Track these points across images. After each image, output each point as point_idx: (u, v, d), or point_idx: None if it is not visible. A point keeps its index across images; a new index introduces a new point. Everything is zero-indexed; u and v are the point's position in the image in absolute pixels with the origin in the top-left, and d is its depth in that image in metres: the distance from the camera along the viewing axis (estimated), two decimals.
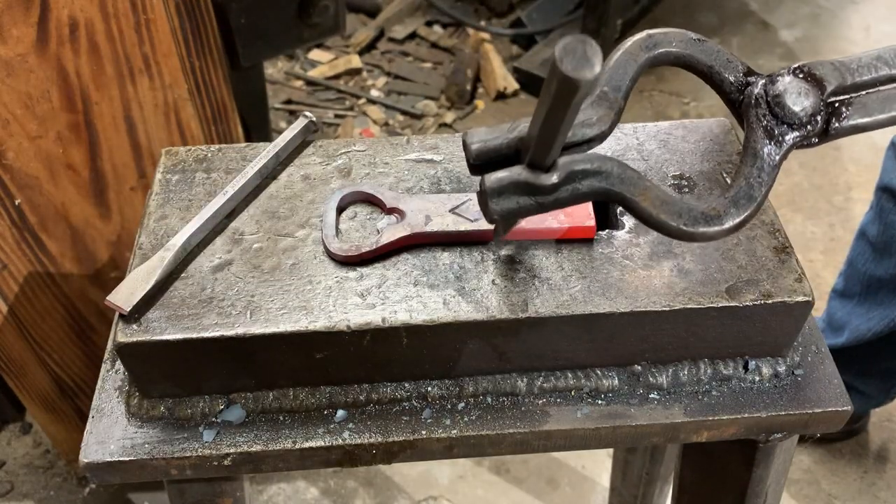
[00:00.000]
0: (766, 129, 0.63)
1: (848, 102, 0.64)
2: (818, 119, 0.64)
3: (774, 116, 0.63)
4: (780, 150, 0.63)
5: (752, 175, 0.63)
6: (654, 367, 0.76)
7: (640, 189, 0.61)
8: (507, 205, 0.60)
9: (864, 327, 1.58)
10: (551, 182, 0.59)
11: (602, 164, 0.61)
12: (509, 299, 0.71)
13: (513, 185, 0.60)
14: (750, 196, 0.62)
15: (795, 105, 0.63)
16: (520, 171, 0.60)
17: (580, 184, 0.60)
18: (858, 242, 1.58)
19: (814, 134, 0.64)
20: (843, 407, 0.76)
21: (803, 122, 0.63)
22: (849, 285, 1.62)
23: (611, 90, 0.64)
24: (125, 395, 0.76)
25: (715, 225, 0.61)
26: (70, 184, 1.29)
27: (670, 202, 0.61)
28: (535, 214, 0.63)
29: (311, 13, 1.60)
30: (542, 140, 0.56)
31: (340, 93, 2.79)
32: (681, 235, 0.62)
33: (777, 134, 0.63)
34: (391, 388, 0.75)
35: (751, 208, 0.62)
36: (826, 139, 0.65)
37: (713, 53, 0.66)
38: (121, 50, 1.23)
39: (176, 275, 0.74)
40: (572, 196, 0.61)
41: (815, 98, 0.63)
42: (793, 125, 0.63)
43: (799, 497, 1.78)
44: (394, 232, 0.75)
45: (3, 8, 1.08)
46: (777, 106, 0.63)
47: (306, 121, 0.86)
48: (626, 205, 0.62)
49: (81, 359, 1.49)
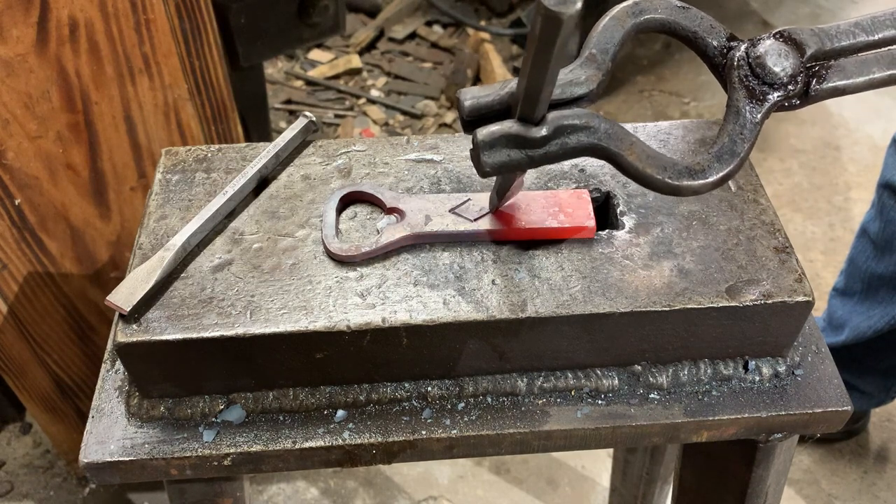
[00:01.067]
0: (747, 89, 0.65)
1: (827, 66, 0.66)
2: (798, 80, 0.65)
3: (756, 77, 0.65)
4: (762, 108, 0.65)
5: (734, 132, 0.64)
6: (654, 367, 0.76)
7: (626, 144, 0.63)
8: (499, 157, 0.62)
9: (864, 325, 1.58)
10: (541, 135, 0.61)
11: (590, 120, 0.62)
12: (509, 299, 0.71)
13: (504, 137, 0.61)
14: (733, 151, 0.64)
15: (776, 66, 0.65)
16: (511, 124, 0.61)
17: (569, 138, 0.62)
18: (859, 240, 1.58)
19: (794, 95, 0.66)
20: (843, 407, 0.76)
21: (784, 82, 0.65)
22: (849, 283, 1.62)
23: (599, 52, 0.66)
24: (125, 395, 0.76)
25: (699, 178, 0.63)
26: (70, 184, 1.29)
27: (656, 157, 0.63)
28: (526, 169, 0.64)
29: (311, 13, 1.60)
30: (530, 89, 0.58)
31: (340, 93, 2.79)
32: (666, 188, 0.63)
33: (758, 93, 0.65)
34: (391, 388, 0.75)
35: (734, 163, 0.64)
36: (807, 101, 0.67)
37: (697, 20, 0.67)
38: (121, 50, 1.23)
39: (176, 275, 0.74)
40: (562, 150, 0.62)
41: (795, 60, 0.65)
42: (773, 85, 0.65)
43: (799, 497, 1.78)
44: (393, 232, 0.75)
45: (3, 8, 1.08)
46: (758, 66, 0.65)
47: (306, 121, 0.86)
48: (614, 159, 0.63)
49: (81, 359, 1.49)
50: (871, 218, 1.54)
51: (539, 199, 0.78)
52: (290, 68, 2.88)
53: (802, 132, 2.68)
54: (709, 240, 0.76)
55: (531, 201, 0.77)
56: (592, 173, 0.83)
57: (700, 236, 0.77)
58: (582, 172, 0.83)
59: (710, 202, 0.80)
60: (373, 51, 2.97)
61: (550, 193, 0.78)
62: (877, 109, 2.75)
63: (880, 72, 0.66)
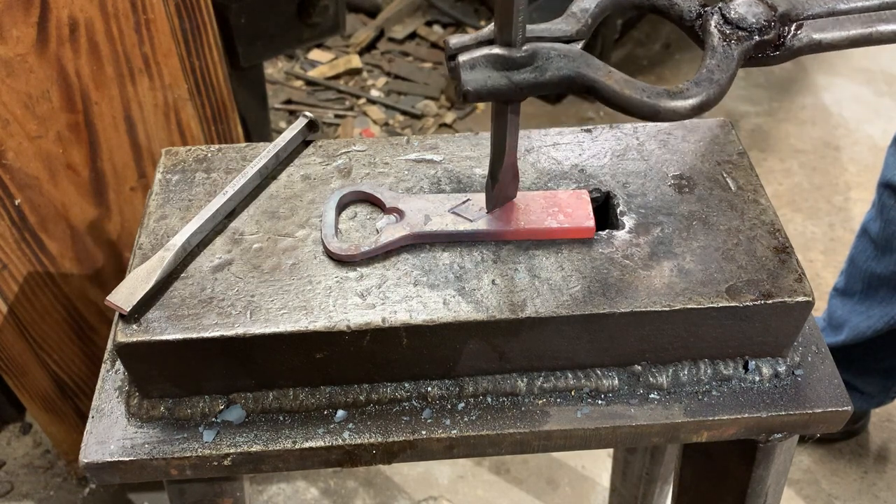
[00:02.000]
0: (722, 33, 0.68)
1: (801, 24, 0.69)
2: (772, 29, 0.68)
3: (729, 23, 0.68)
4: (737, 47, 0.67)
5: (711, 65, 0.66)
6: (654, 367, 0.76)
7: (605, 71, 0.64)
8: (479, 77, 0.63)
9: (864, 325, 1.58)
10: (520, 55, 0.62)
11: (569, 51, 0.64)
12: (509, 299, 0.71)
13: (484, 58, 0.63)
14: (710, 79, 0.65)
15: (748, 14, 0.68)
16: (492, 47, 0.63)
17: (549, 64, 0.63)
18: (860, 240, 1.58)
19: (770, 44, 0.68)
20: (843, 407, 0.76)
21: (756, 27, 0.68)
22: (850, 283, 1.62)
23: (578, 11, 0.69)
24: (125, 395, 0.76)
25: (678, 99, 0.64)
26: (70, 184, 1.29)
27: (634, 82, 0.64)
28: (507, 95, 0.64)
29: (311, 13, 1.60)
30: (501, 8, 0.59)
31: (340, 93, 2.79)
32: (646, 108, 0.63)
33: (732, 35, 0.68)
34: (391, 388, 0.75)
35: (712, 88, 0.65)
36: (784, 52, 0.69)
37: None
38: (121, 50, 1.23)
39: (176, 275, 0.74)
40: (542, 76, 0.63)
41: (767, 11, 0.69)
42: (747, 29, 0.68)
43: (799, 497, 1.78)
44: (393, 232, 0.75)
45: (3, 8, 1.08)
46: (730, 14, 0.68)
47: (306, 121, 0.86)
48: (593, 86, 0.64)
49: (81, 359, 1.49)
50: (871, 218, 1.54)
51: (538, 199, 0.78)
52: (290, 68, 2.88)
53: (802, 132, 2.68)
54: (709, 240, 0.76)
55: (530, 201, 0.77)
56: (592, 173, 0.83)
57: (700, 236, 0.77)
58: (582, 172, 0.83)
59: (710, 202, 0.80)
60: (373, 51, 2.97)
61: (550, 194, 0.78)
62: (877, 109, 2.75)
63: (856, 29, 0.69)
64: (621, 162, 0.84)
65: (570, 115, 2.74)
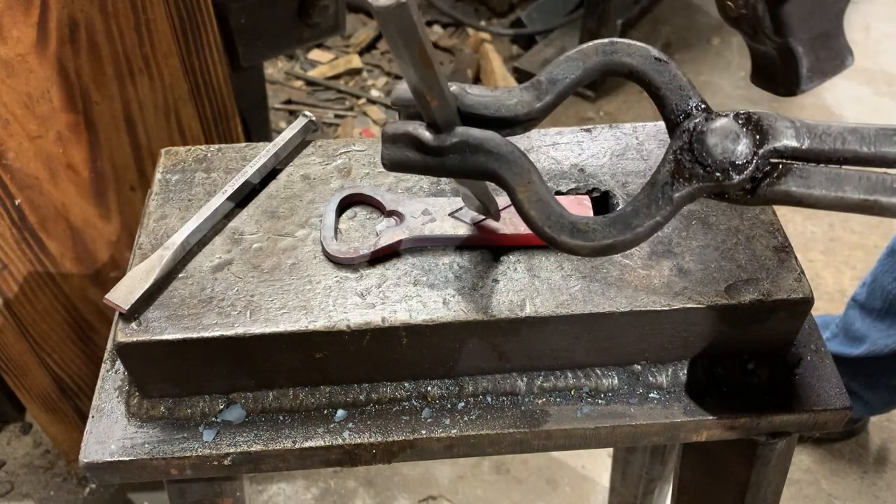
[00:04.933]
0: (676, 162, 0.58)
1: (790, 166, 0.57)
2: (744, 171, 0.56)
3: (690, 152, 0.58)
4: (682, 188, 0.58)
5: (640, 202, 0.59)
6: (654, 366, 0.76)
7: (524, 181, 0.60)
8: (397, 154, 0.62)
9: (882, 342, 1.58)
10: (440, 144, 0.60)
11: (497, 147, 0.60)
12: (509, 299, 0.71)
13: (405, 136, 0.61)
14: (629, 224, 0.58)
15: (717, 147, 0.57)
16: (417, 126, 0.61)
17: (471, 157, 0.60)
18: (888, 259, 1.56)
19: (734, 187, 0.57)
20: (843, 407, 0.76)
21: (721, 167, 0.57)
22: (870, 299, 1.61)
23: (546, 81, 0.63)
24: (125, 395, 0.76)
25: (578, 238, 0.59)
26: (70, 184, 1.29)
27: (547, 203, 0.59)
28: (423, 173, 0.63)
29: (311, 13, 1.60)
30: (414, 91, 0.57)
31: (340, 93, 2.79)
32: (543, 236, 0.60)
33: (685, 171, 0.58)
34: (391, 387, 0.75)
35: (626, 235, 0.58)
36: (752, 201, 0.58)
37: (668, 76, 0.61)
38: (121, 50, 1.23)
39: (175, 274, 0.74)
40: (459, 166, 0.61)
41: (747, 148, 0.57)
42: (707, 167, 0.57)
43: (799, 497, 1.78)
44: (392, 235, 0.75)
45: (3, 8, 1.08)
46: (697, 142, 0.57)
47: (306, 120, 0.86)
48: (508, 192, 0.61)
49: (81, 359, 1.49)
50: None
51: None
52: (290, 68, 2.88)
53: None
54: (708, 239, 0.76)
55: None
56: (592, 173, 0.83)
57: (699, 236, 0.77)
58: (581, 172, 0.83)
59: (710, 202, 0.80)
60: (373, 51, 2.97)
61: None
62: (877, 110, 2.75)
63: (855, 193, 0.56)
64: (620, 161, 0.84)
65: (570, 115, 2.74)
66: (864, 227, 2.33)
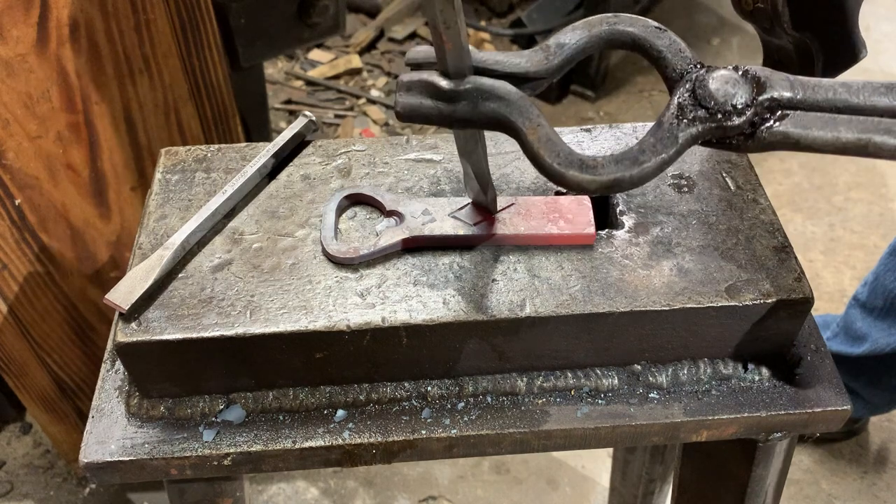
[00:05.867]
0: (679, 106, 0.61)
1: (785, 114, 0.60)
2: (743, 115, 0.60)
3: (693, 96, 0.61)
4: (687, 128, 0.60)
5: (646, 142, 0.61)
6: (654, 366, 0.76)
7: (534, 125, 0.61)
8: (411, 101, 0.62)
9: (883, 342, 1.57)
10: (455, 89, 0.61)
11: (508, 94, 0.62)
12: (509, 299, 0.71)
13: (420, 83, 0.62)
14: (636, 159, 0.60)
15: (718, 91, 0.60)
16: (432, 73, 0.62)
17: (483, 103, 0.62)
18: (890, 258, 1.56)
19: (734, 129, 0.60)
20: (843, 406, 0.76)
21: (722, 108, 0.60)
22: (871, 298, 1.61)
23: (554, 45, 0.66)
24: (125, 395, 0.76)
25: (588, 173, 0.60)
26: (70, 184, 1.29)
27: (555, 143, 0.61)
28: (436, 122, 0.63)
29: (311, 13, 1.60)
30: (435, 36, 0.58)
31: (340, 93, 2.79)
32: (552, 173, 0.61)
33: (688, 113, 0.61)
34: (391, 387, 0.75)
35: (633, 170, 0.60)
36: (753, 144, 0.61)
37: (668, 41, 0.65)
38: (121, 50, 1.23)
39: (175, 274, 0.74)
40: (471, 113, 0.62)
41: (746, 92, 0.60)
42: (708, 109, 0.60)
43: (799, 497, 1.78)
44: (392, 235, 0.75)
45: (3, 8, 1.08)
46: (699, 87, 0.61)
47: (306, 120, 0.86)
48: (517, 136, 0.62)
49: (81, 359, 1.49)
50: None
51: (539, 204, 0.78)
52: (290, 68, 2.88)
53: None
54: (708, 239, 0.76)
55: (531, 206, 0.77)
56: None
57: (699, 236, 0.77)
58: None
59: (710, 202, 0.80)
60: (373, 51, 2.97)
61: (551, 199, 0.78)
62: None
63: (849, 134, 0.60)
64: None
65: (570, 115, 2.74)
66: (864, 226, 2.33)
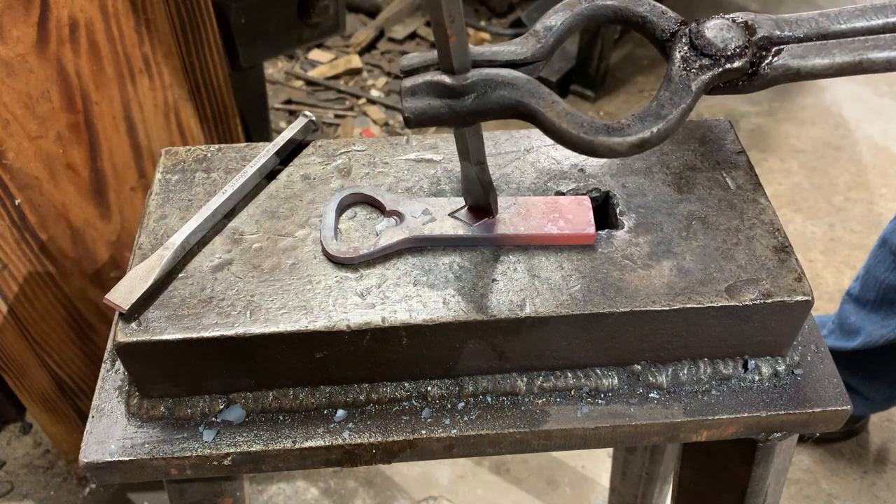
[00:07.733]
0: (683, 59, 0.63)
1: (780, 49, 0.64)
2: (744, 56, 0.63)
3: (694, 48, 0.64)
4: (697, 77, 0.63)
5: (663, 97, 0.62)
6: (654, 366, 0.76)
7: (548, 102, 0.62)
8: (418, 104, 0.62)
9: (877, 334, 1.58)
10: (461, 83, 0.61)
11: (515, 79, 0.62)
12: (509, 299, 0.71)
13: (425, 84, 0.61)
14: (658, 114, 0.61)
15: (716, 38, 0.63)
16: (434, 73, 0.62)
17: (492, 93, 0.61)
18: (879, 250, 1.57)
19: (740, 72, 0.63)
20: (843, 406, 0.76)
21: (724, 54, 0.63)
22: (864, 291, 1.61)
23: (542, 29, 0.67)
24: (125, 395, 0.76)
25: (616, 135, 0.60)
26: (70, 184, 1.29)
27: (574, 115, 0.62)
28: (448, 122, 0.63)
29: (311, 13, 1.60)
30: (437, 34, 0.58)
31: (340, 93, 2.79)
32: (581, 143, 0.61)
33: (695, 63, 0.63)
34: (391, 387, 0.75)
35: (658, 125, 0.61)
36: (758, 82, 0.64)
37: (649, 7, 0.67)
38: (121, 50, 1.23)
39: (175, 274, 0.74)
40: (483, 105, 0.62)
41: (740, 36, 0.63)
42: (712, 56, 0.63)
43: (799, 497, 1.78)
44: (392, 235, 0.75)
45: (3, 8, 1.08)
46: (698, 38, 0.63)
47: (306, 120, 0.86)
48: (534, 117, 0.62)
49: (81, 359, 1.49)
50: (892, 230, 1.53)
51: (539, 204, 0.78)
52: (290, 68, 2.88)
53: (802, 132, 2.68)
54: (708, 239, 0.76)
55: (531, 207, 0.77)
56: (592, 173, 0.83)
57: (699, 236, 0.77)
58: (582, 172, 0.83)
59: (710, 202, 0.80)
60: (373, 51, 2.97)
61: (551, 199, 0.78)
62: (877, 109, 2.75)
63: (845, 56, 0.63)
64: (620, 161, 0.84)
65: None
66: (864, 226, 2.33)
